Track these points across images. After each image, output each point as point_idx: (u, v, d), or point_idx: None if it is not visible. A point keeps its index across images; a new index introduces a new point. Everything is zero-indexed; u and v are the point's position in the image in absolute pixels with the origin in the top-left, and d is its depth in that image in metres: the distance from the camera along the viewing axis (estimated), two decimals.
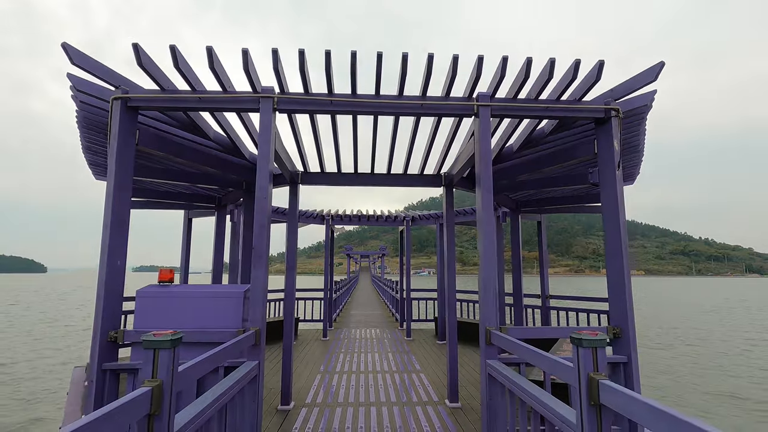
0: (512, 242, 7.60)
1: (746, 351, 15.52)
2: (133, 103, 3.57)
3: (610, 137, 3.76)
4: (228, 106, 3.67)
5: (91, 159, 5.97)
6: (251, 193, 5.71)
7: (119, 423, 1.49)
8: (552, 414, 2.21)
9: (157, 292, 3.47)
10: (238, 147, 4.81)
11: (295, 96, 3.70)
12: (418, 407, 4.73)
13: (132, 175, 3.63)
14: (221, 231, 6.84)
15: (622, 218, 3.75)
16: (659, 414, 1.43)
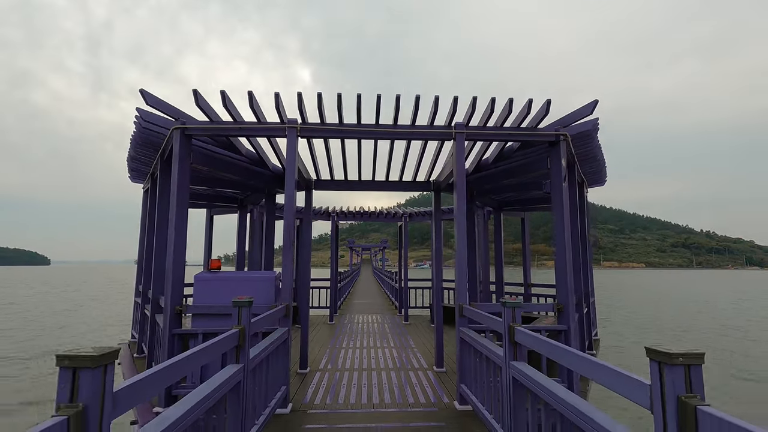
0: (495, 237, 8.69)
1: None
2: (189, 132, 4.65)
3: (558, 156, 4.82)
4: (261, 133, 4.75)
5: (134, 166, 7.10)
6: (272, 197, 6.80)
7: (221, 349, 2.58)
8: (492, 354, 3.32)
9: (210, 277, 4.57)
10: (263, 160, 5.89)
11: (314, 126, 4.78)
12: (411, 372, 5.84)
13: (189, 189, 4.71)
14: (243, 226, 7.94)
15: (566, 220, 4.82)
16: (553, 348, 2.50)
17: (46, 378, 8.59)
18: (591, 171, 7.05)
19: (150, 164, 6.64)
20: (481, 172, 6.38)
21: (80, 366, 1.25)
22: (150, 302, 5.83)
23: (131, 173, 7.65)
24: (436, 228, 6.61)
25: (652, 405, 1.47)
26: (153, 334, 5.53)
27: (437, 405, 4.47)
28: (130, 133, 5.59)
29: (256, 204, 8.32)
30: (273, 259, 6.88)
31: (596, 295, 9.85)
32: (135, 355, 6.92)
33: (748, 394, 8.31)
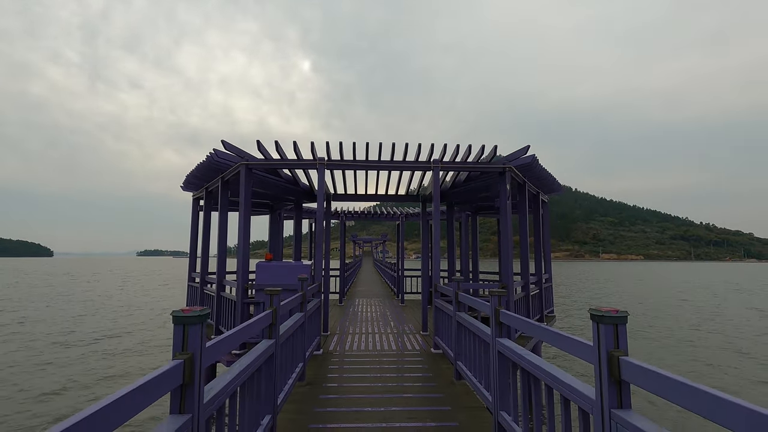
0: (472, 237, 10.88)
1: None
2: (251, 166, 6.80)
3: (504, 182, 6.96)
4: (300, 167, 6.91)
5: (191, 180, 9.27)
6: (300, 206, 8.98)
7: (294, 306, 4.75)
8: (450, 313, 5.50)
9: (267, 264, 6.76)
10: (296, 180, 8.06)
11: (336, 161, 6.94)
12: (404, 334, 8.05)
13: (254, 208, 6.87)
14: (275, 225, 10.12)
15: (509, 229, 6.97)
16: (470, 300, 4.67)
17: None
18: (541, 185, 9.20)
19: (205, 181, 8.79)
20: (456, 188, 8.54)
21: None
22: (215, 284, 8.04)
23: (186, 185, 9.81)
24: (423, 229, 8.79)
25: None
26: (219, 305, 7.74)
27: (420, 351, 6.68)
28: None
29: (282, 209, 10.51)
30: (301, 251, 9.09)
31: (586, 283, 12.09)
32: None
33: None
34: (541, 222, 9.88)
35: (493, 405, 3.58)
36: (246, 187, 6.72)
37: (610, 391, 1.89)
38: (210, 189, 8.80)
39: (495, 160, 7.11)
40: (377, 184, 8.27)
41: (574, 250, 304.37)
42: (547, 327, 2.70)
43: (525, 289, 8.11)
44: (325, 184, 7.67)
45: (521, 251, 8.20)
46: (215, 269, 8.03)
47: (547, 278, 10.48)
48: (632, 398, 1.95)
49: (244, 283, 6.64)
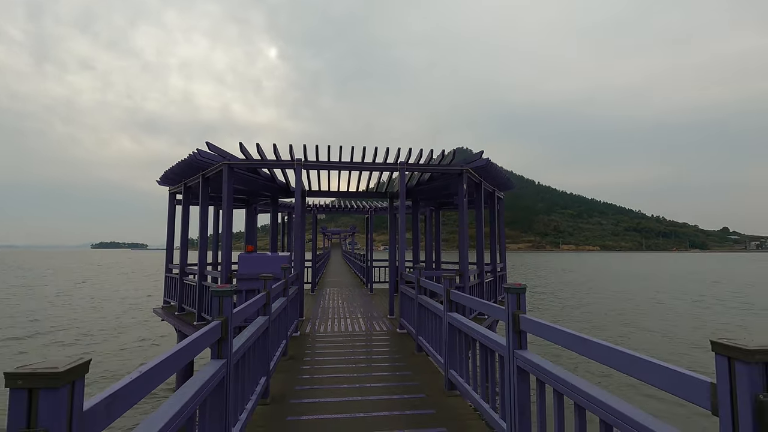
0: (435, 229, 11.86)
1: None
2: (233, 165, 7.39)
3: (462, 182, 7.90)
4: (279, 167, 7.56)
5: (170, 176, 9.70)
6: (276, 201, 9.61)
7: (279, 291, 5.49)
8: (412, 296, 6.39)
9: (249, 256, 7.40)
10: (274, 178, 8.69)
11: (312, 162, 7.64)
12: (373, 319, 8.91)
13: (233, 203, 7.48)
14: (251, 220, 10.69)
15: (466, 223, 7.93)
16: (435, 286, 5.56)
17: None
18: (497, 184, 10.27)
19: (184, 177, 9.24)
20: (420, 186, 9.44)
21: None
22: (196, 274, 8.58)
23: (164, 180, 10.20)
24: (391, 222, 9.65)
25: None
26: (201, 294, 8.31)
27: (387, 332, 7.56)
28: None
29: (258, 204, 11.08)
30: (277, 243, 9.75)
31: (543, 272, 13.33)
32: (176, 313, 9.62)
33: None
34: (496, 216, 10.98)
35: (444, 366, 4.50)
36: (228, 185, 7.31)
37: (514, 338, 2.79)
38: (189, 184, 9.27)
39: (454, 162, 8.03)
40: (349, 180, 9.04)
41: (536, 241, 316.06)
42: (479, 300, 3.62)
43: (480, 277, 9.14)
44: (301, 182, 8.36)
45: (477, 243, 9.21)
46: (192, 261, 8.57)
47: (502, 267, 11.63)
48: (537, 349, 2.87)
49: (228, 272, 7.27)
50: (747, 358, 1.21)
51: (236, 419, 2.96)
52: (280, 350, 5.07)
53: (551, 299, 25.64)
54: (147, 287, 32.16)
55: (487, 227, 11.05)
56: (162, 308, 10.75)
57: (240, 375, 3.03)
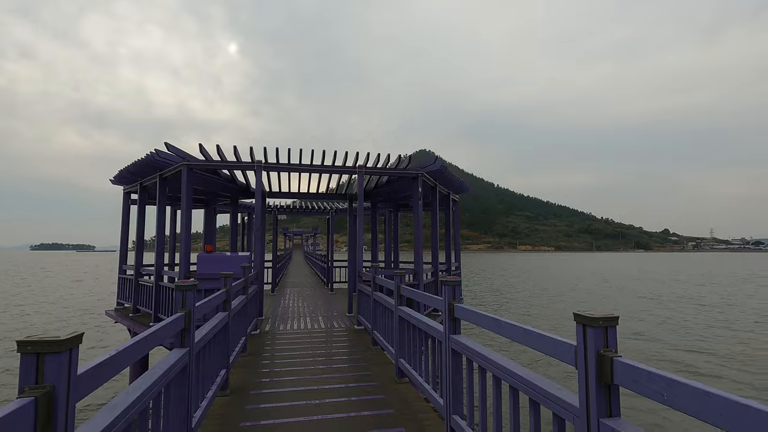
0: (394, 230, 12.29)
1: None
2: (192, 166, 7.45)
3: (417, 186, 8.35)
4: (239, 168, 7.69)
5: (125, 175, 9.57)
6: (236, 201, 9.68)
7: (218, 301, 5.68)
8: (369, 293, 6.75)
9: (208, 256, 7.48)
10: (234, 179, 8.78)
11: (272, 164, 7.83)
12: (332, 317, 9.19)
13: (192, 204, 7.54)
14: (210, 220, 10.67)
15: (420, 224, 8.38)
16: (389, 283, 5.93)
17: None
18: (451, 187, 10.84)
19: (140, 177, 9.13)
20: (379, 188, 9.82)
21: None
22: (152, 275, 8.51)
23: (118, 179, 10.00)
24: (350, 223, 9.97)
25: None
26: (158, 295, 8.26)
27: (345, 328, 7.87)
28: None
29: (217, 204, 11.05)
30: (236, 243, 9.81)
31: (498, 271, 14.03)
32: (131, 315, 9.46)
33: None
34: (451, 218, 11.55)
35: (395, 356, 4.88)
36: (188, 186, 7.37)
37: (449, 324, 3.21)
38: (145, 184, 9.17)
39: (410, 166, 8.47)
40: (309, 181, 9.27)
41: (495, 242, 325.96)
42: (424, 293, 4.03)
43: (435, 275, 9.64)
44: (262, 183, 8.52)
45: (432, 243, 9.71)
46: (148, 262, 8.52)
47: (457, 266, 12.23)
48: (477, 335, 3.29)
49: (187, 273, 7.32)
50: (593, 324, 1.66)
51: (197, 406, 3.19)
52: (239, 346, 5.27)
53: (493, 294, 27.37)
54: (98, 290, 30.64)
55: (444, 228, 11.62)
56: (115, 310, 10.51)
57: (201, 364, 3.26)
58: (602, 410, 1.63)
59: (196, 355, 3.06)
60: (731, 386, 10.07)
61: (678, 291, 31.33)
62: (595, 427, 1.63)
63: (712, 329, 16.87)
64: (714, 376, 10.91)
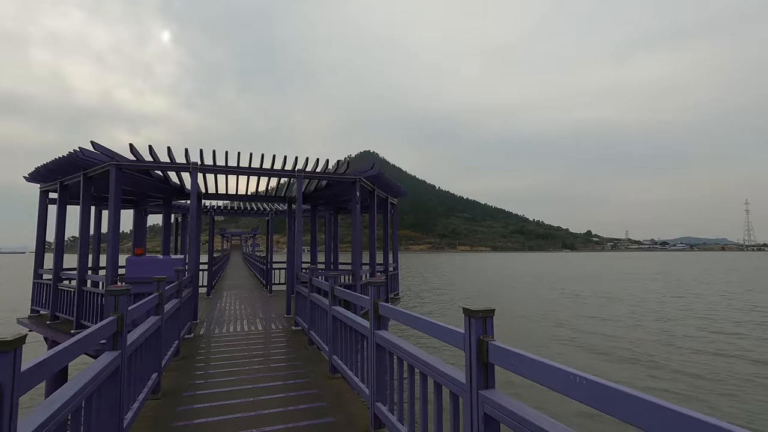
0: (334, 232, 12.54)
1: None
2: (121, 166, 7.19)
3: (355, 190, 8.67)
4: (172, 169, 7.54)
5: (42, 173, 8.99)
6: (170, 202, 9.40)
7: (150, 305, 5.65)
8: (306, 294, 6.95)
9: (139, 259, 7.25)
10: (168, 180, 8.54)
11: (209, 166, 7.76)
12: (271, 319, 9.24)
13: (120, 204, 7.27)
14: (140, 221, 10.23)
15: (359, 227, 8.71)
16: (324, 284, 6.17)
17: None
18: (389, 191, 11.31)
19: (60, 175, 8.57)
20: (319, 191, 10.02)
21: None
22: (75, 280, 8.03)
23: (34, 177, 9.29)
24: (289, 225, 10.07)
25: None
26: (80, 300, 7.83)
27: (283, 329, 7.99)
28: None
29: (148, 205, 10.60)
30: (170, 245, 9.51)
31: (436, 271, 14.59)
32: (48, 322, 8.83)
33: None
34: (389, 221, 12.02)
35: (329, 353, 5.16)
36: (116, 187, 7.10)
37: (374, 321, 3.55)
38: (66, 183, 8.64)
39: (349, 171, 8.78)
40: (248, 183, 9.24)
41: (436, 242, 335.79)
42: (353, 293, 4.37)
43: (372, 276, 10.02)
44: (197, 185, 8.38)
45: (369, 245, 10.08)
46: (69, 265, 8.07)
47: (394, 267, 12.73)
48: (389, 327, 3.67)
49: (114, 276, 7.06)
50: (475, 315, 2.07)
51: (129, 408, 3.25)
52: (172, 349, 5.26)
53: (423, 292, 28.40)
54: (6, 296, 27.54)
55: (383, 230, 12.05)
56: (29, 318, 9.74)
57: (133, 367, 3.33)
58: (481, 384, 2.04)
59: (128, 358, 3.14)
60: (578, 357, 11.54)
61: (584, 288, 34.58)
62: (475, 397, 2.04)
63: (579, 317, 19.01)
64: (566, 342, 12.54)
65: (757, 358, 12.44)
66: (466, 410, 2.12)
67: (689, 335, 15.75)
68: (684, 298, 27.50)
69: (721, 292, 30.66)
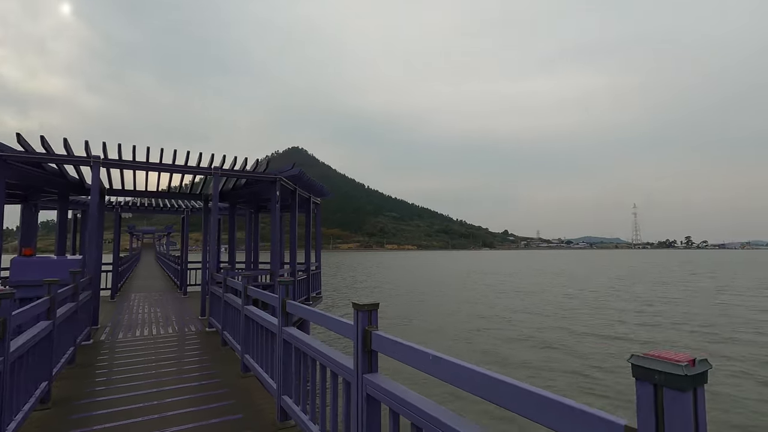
0: (254, 231, 12.30)
1: None
2: (6, 158, 6.48)
3: (275, 189, 8.65)
4: (70, 162, 6.95)
5: None
6: (66, 197, 8.60)
7: (66, 296, 5.28)
8: (220, 295, 6.83)
9: (25, 260, 6.58)
10: (64, 173, 7.82)
11: (113, 160, 7.27)
12: (184, 321, 8.86)
13: (5, 198, 6.54)
14: (29, 218, 9.20)
15: (278, 226, 8.70)
16: (237, 284, 6.12)
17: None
18: (312, 191, 11.39)
19: None
20: (237, 189, 9.81)
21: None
22: None
23: None
24: (205, 224, 9.72)
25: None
26: None
27: (197, 331, 7.74)
28: None
29: (39, 200, 9.55)
30: (65, 244, 8.69)
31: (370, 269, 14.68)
32: None
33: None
34: (311, 220, 12.09)
35: (241, 353, 5.19)
36: (1, 177, 6.39)
37: (282, 318, 3.71)
38: None
39: (269, 170, 8.73)
40: (159, 179, 8.77)
41: (364, 241, 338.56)
42: (263, 291, 4.48)
43: (292, 275, 10.04)
44: (100, 180, 7.79)
45: (290, 244, 10.09)
46: None
47: (317, 266, 12.83)
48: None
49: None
50: (362, 309, 2.35)
51: (11, 419, 3.08)
52: (66, 356, 4.93)
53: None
54: None
55: (306, 229, 12.08)
56: None
57: (17, 376, 3.14)
58: (365, 368, 2.33)
59: (11, 365, 2.97)
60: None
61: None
62: (360, 381, 2.32)
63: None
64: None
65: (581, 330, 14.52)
66: (353, 393, 2.39)
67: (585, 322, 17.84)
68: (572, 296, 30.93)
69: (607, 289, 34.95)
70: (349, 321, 2.53)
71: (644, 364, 0.99)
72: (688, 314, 19.84)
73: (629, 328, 16.67)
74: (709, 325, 17.24)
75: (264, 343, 4.37)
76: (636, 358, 1.01)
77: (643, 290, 30.84)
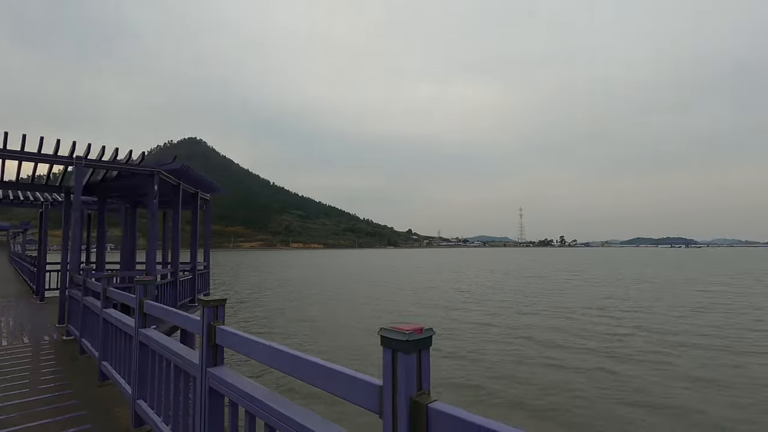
0: (131, 228, 11.23)
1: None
2: None
3: (153, 183, 8.03)
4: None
5: None
6: None
7: None
8: (79, 298, 6.16)
9: None
10: None
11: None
12: (39, 331, 7.74)
13: None
14: None
15: (156, 222, 8.10)
16: (96, 285, 5.56)
17: None
18: (200, 186, 10.77)
19: None
20: (108, 182, 8.88)
21: None
22: None
23: None
24: (65, 220, 8.62)
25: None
26: None
27: (53, 340, 6.85)
28: None
29: None
30: None
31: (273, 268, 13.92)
32: None
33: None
34: (199, 217, 11.42)
35: (99, 359, 4.78)
36: None
37: (139, 319, 3.54)
38: None
39: (146, 163, 8.06)
40: (3, 167, 7.49)
41: (269, 239, 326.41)
42: (123, 293, 4.22)
43: (174, 275, 9.40)
44: None
45: (173, 242, 9.44)
46: None
47: (205, 265, 12.15)
48: None
49: None
50: (208, 304, 2.40)
51: None
52: None
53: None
54: None
55: (197, 227, 11.35)
56: None
57: None
58: (210, 362, 2.38)
59: None
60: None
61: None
62: (204, 375, 2.37)
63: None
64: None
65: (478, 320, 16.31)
66: (197, 387, 2.43)
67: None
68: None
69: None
70: (197, 317, 2.56)
71: (386, 334, 1.25)
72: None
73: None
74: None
75: (122, 348, 4.10)
76: (382, 330, 1.27)
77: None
